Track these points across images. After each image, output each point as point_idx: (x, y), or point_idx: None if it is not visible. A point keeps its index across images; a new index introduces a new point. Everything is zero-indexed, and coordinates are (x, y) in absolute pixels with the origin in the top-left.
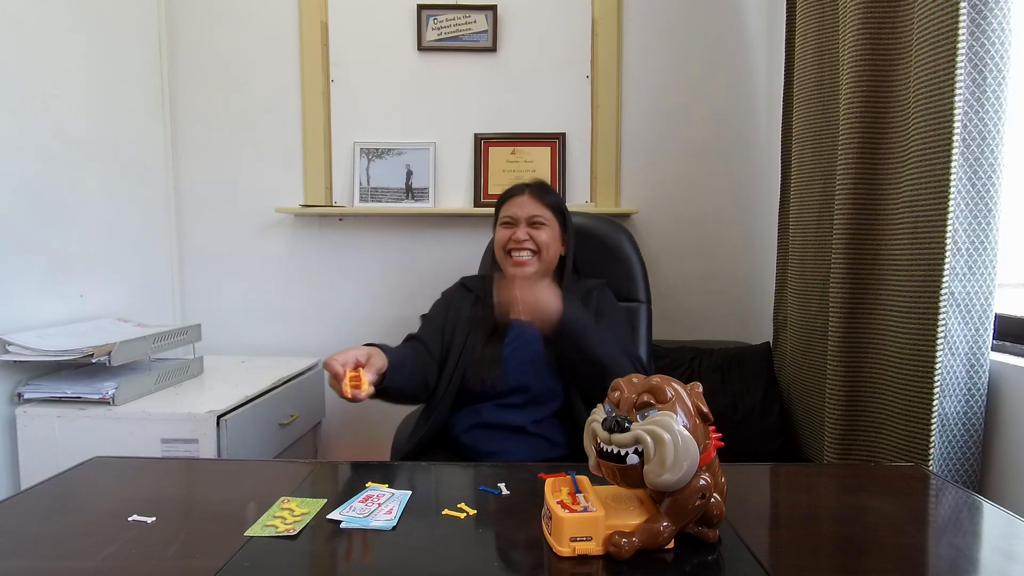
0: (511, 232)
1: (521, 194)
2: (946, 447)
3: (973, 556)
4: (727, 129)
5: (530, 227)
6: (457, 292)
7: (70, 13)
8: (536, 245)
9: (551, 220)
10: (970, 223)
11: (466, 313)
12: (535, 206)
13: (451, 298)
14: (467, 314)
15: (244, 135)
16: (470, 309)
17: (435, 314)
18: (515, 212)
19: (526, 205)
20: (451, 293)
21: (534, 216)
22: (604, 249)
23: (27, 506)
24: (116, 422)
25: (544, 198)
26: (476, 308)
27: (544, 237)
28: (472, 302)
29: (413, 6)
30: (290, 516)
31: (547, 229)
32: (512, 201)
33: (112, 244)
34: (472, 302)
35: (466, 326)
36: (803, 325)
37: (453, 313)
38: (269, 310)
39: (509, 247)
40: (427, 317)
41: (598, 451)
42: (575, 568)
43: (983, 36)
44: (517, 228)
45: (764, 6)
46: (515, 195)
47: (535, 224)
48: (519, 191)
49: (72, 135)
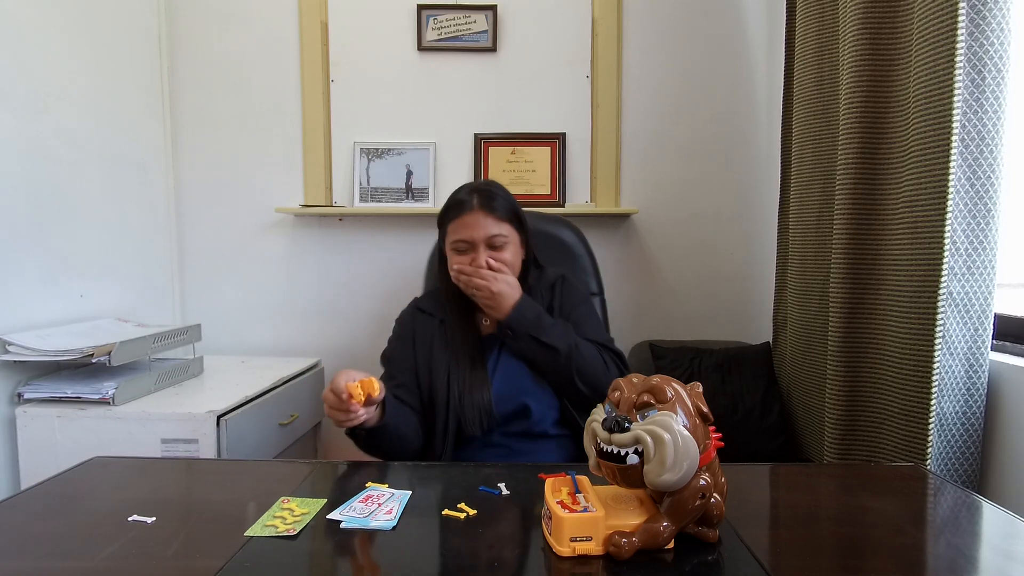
0: (469, 260)
1: (469, 211)
2: (945, 447)
3: (973, 556)
4: (727, 129)
5: (490, 249)
6: (415, 318)
7: (70, 13)
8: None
9: (510, 232)
10: (969, 223)
11: (435, 343)
12: (490, 223)
13: (410, 327)
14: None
15: (244, 135)
16: (437, 336)
17: (399, 353)
18: (469, 236)
19: (479, 225)
20: (407, 320)
21: (492, 237)
22: (553, 247)
23: (27, 506)
24: (116, 422)
25: (496, 211)
26: (443, 334)
27: (507, 258)
28: (437, 327)
29: (413, 6)
30: (290, 516)
31: (508, 247)
32: (461, 222)
33: (112, 244)
34: (437, 327)
35: (442, 360)
36: (803, 325)
37: (422, 346)
38: (269, 310)
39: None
40: (391, 358)
41: (598, 451)
42: (575, 568)
43: (982, 36)
44: (476, 254)
45: (764, 6)
46: (462, 213)
47: (494, 247)
48: (465, 207)
49: (72, 135)
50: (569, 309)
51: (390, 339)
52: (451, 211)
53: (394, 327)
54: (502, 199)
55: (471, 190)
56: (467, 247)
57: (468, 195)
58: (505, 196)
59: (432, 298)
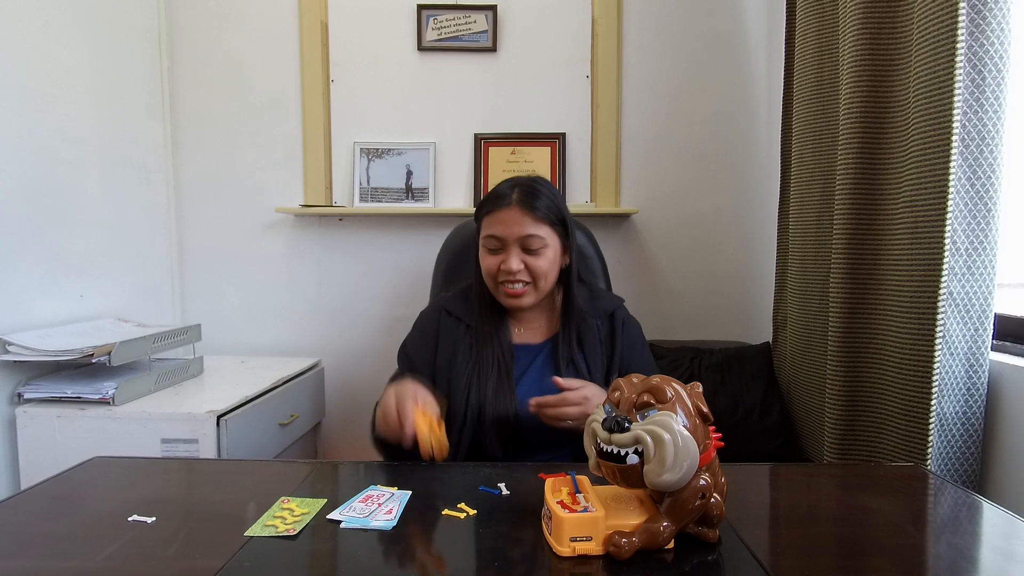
0: (499, 260)
1: (507, 207)
2: (945, 447)
3: (973, 556)
4: (727, 129)
5: (524, 252)
6: (439, 320)
7: (71, 13)
8: (531, 275)
9: (549, 235)
10: (969, 223)
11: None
12: (527, 222)
13: (432, 328)
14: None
15: (244, 135)
16: (462, 343)
17: (418, 351)
18: (502, 232)
19: (515, 222)
20: (431, 321)
21: (527, 237)
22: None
23: (27, 506)
24: (116, 422)
25: (536, 210)
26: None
27: (542, 265)
28: (463, 333)
29: (413, 6)
30: (290, 516)
31: (545, 252)
32: (496, 217)
33: (112, 244)
34: (463, 333)
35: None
36: (803, 325)
37: (444, 351)
38: (269, 310)
39: (501, 278)
40: (408, 355)
41: (598, 451)
42: (575, 568)
43: (982, 36)
44: (507, 255)
45: (764, 6)
46: (499, 208)
47: (529, 250)
48: (503, 202)
49: (72, 135)
50: (630, 354)
51: (411, 334)
52: (488, 204)
53: (416, 322)
54: (547, 198)
55: (514, 184)
56: (499, 246)
57: (509, 189)
58: (551, 195)
59: (461, 300)
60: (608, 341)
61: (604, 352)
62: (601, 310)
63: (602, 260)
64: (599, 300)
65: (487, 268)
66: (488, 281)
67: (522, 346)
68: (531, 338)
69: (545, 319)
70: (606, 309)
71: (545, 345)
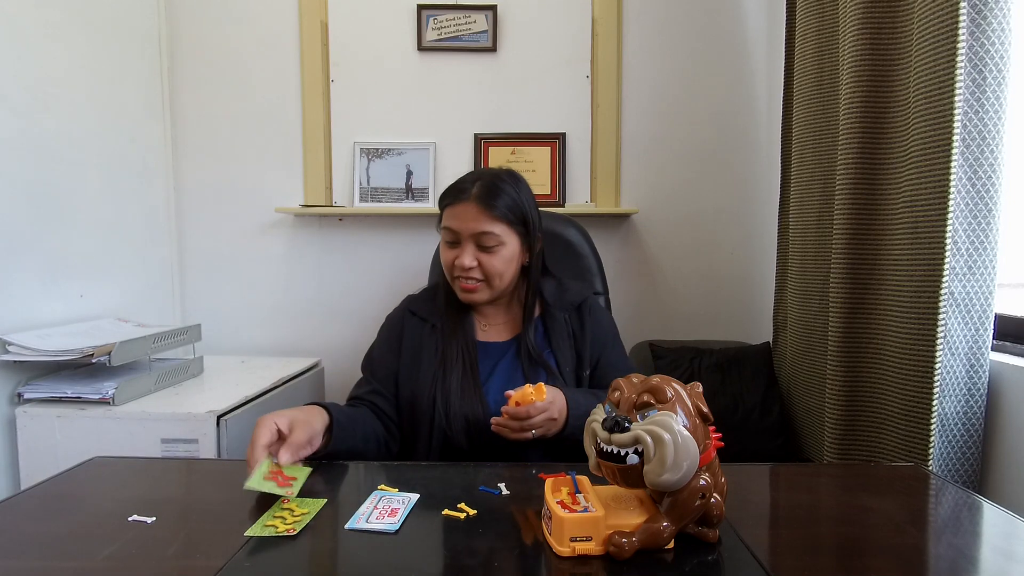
0: (455, 255)
1: (464, 201)
2: (946, 447)
3: (973, 556)
4: (727, 129)
5: (478, 248)
6: (404, 321)
7: (70, 13)
8: (484, 273)
9: (505, 233)
10: (970, 223)
11: (423, 349)
12: (483, 219)
13: (396, 330)
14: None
15: (244, 135)
16: (427, 342)
17: (381, 357)
18: (457, 227)
19: (470, 218)
20: (396, 323)
21: (481, 235)
22: (558, 246)
23: (27, 506)
24: (116, 422)
25: (493, 208)
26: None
27: (495, 264)
28: (427, 332)
29: (413, 6)
30: (290, 516)
31: (500, 251)
32: (453, 210)
33: (112, 244)
34: (427, 332)
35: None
36: (803, 325)
37: (408, 351)
38: (269, 310)
39: (456, 274)
40: (372, 361)
41: (598, 451)
42: (575, 568)
43: (983, 36)
44: (462, 250)
45: (764, 6)
46: (457, 201)
47: (484, 246)
48: (462, 196)
49: (72, 135)
50: (601, 346)
51: (376, 339)
52: (447, 196)
53: (382, 326)
54: (508, 196)
55: (476, 177)
56: (455, 239)
57: (471, 183)
58: (512, 194)
59: (426, 299)
60: (577, 334)
61: (572, 346)
62: (568, 303)
63: (598, 259)
64: (567, 293)
65: (444, 261)
66: (446, 274)
67: (489, 344)
68: (497, 336)
69: (510, 316)
70: (573, 302)
71: (511, 344)
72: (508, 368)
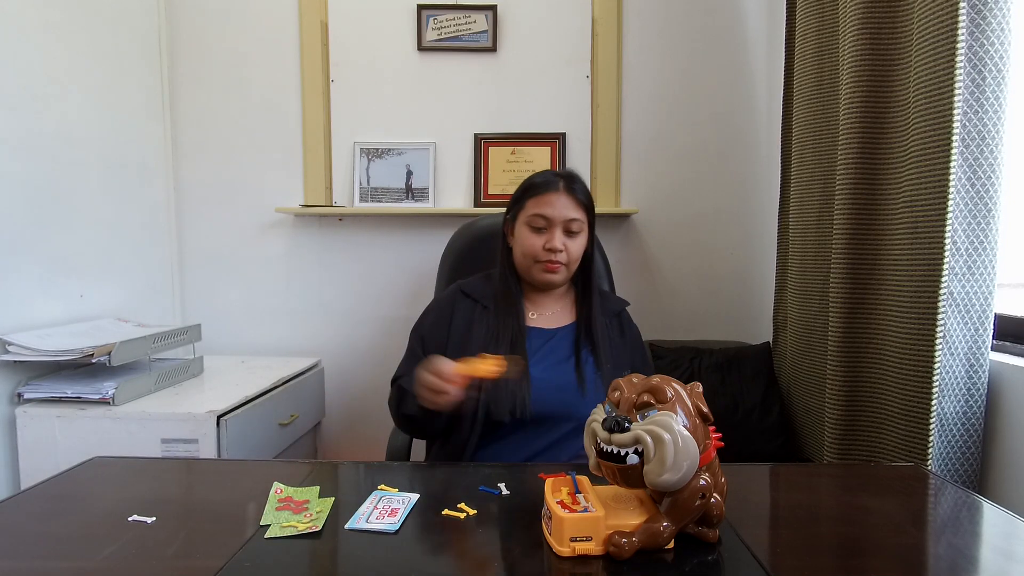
0: (544, 239)
1: (555, 190)
2: (946, 447)
3: (973, 556)
4: (727, 129)
5: (565, 234)
6: (454, 301)
7: (70, 13)
8: (567, 256)
9: (583, 222)
10: (969, 223)
11: (473, 327)
12: (572, 207)
13: (447, 309)
14: (475, 329)
15: (244, 135)
16: (477, 322)
17: (432, 331)
18: (550, 213)
19: (562, 205)
20: (446, 302)
21: (570, 221)
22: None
23: (27, 506)
24: (116, 422)
25: (579, 195)
26: (485, 320)
27: (577, 249)
28: (479, 313)
29: (413, 6)
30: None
31: (580, 237)
32: (545, 199)
33: (112, 244)
34: (479, 313)
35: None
36: (803, 325)
37: (457, 329)
38: (269, 310)
39: (543, 258)
40: (422, 336)
41: (598, 451)
42: (575, 568)
43: (983, 36)
44: (551, 234)
45: (764, 6)
46: (549, 191)
47: (570, 231)
48: (553, 186)
49: (72, 135)
50: (635, 355)
51: (424, 316)
52: (536, 188)
53: (431, 305)
54: (583, 186)
55: (556, 173)
56: (545, 225)
57: (554, 177)
58: (584, 186)
59: (479, 284)
60: (615, 340)
61: (611, 349)
62: (609, 309)
63: (606, 260)
64: (607, 301)
65: (530, 246)
66: (526, 259)
67: (536, 330)
68: (545, 323)
69: (559, 306)
70: (614, 309)
71: (557, 332)
72: (553, 352)
